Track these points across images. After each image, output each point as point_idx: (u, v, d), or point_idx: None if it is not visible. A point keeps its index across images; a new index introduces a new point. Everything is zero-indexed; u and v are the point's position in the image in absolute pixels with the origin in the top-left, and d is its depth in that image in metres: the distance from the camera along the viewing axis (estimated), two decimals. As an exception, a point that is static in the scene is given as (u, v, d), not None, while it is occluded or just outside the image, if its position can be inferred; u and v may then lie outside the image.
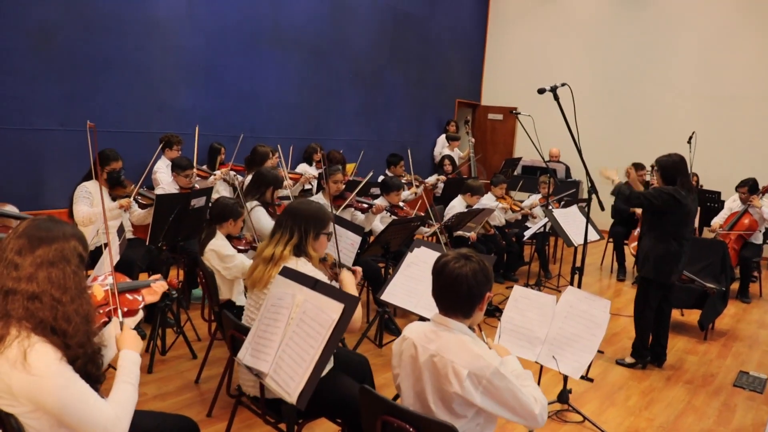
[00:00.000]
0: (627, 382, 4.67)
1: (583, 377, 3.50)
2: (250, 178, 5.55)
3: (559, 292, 6.79)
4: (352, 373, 2.98)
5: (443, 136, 10.92)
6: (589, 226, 4.92)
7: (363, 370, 3.13)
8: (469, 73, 12.22)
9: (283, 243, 2.98)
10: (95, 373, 1.92)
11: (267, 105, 8.08)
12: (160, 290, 2.40)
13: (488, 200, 7.32)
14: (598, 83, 11.00)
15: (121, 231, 3.76)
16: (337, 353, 3.04)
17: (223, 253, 3.89)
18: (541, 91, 4.33)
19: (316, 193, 5.99)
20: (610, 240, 8.10)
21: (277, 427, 2.85)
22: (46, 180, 5.95)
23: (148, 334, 4.56)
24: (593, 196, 4.52)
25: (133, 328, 2.28)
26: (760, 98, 9.84)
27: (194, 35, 7.08)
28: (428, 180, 8.69)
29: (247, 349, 2.59)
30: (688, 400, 4.43)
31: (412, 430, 2.12)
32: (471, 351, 2.16)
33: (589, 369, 4.34)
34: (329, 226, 3.11)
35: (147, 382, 4.04)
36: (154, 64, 6.73)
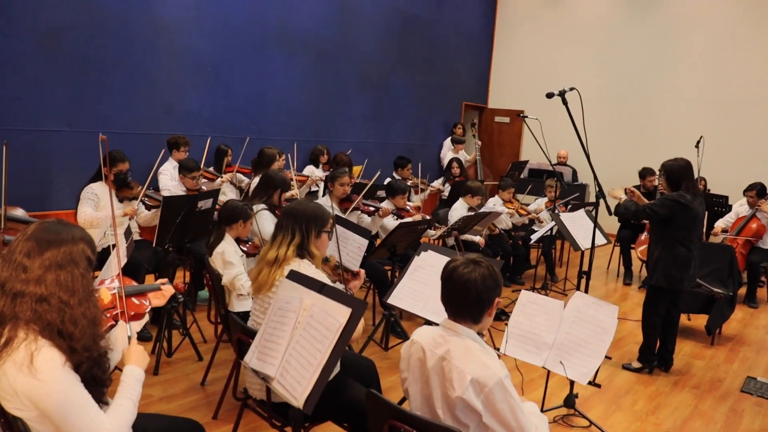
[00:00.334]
0: (633, 386, 4.64)
1: (590, 383, 3.48)
2: (257, 180, 5.55)
3: (566, 295, 6.78)
4: (358, 377, 2.97)
5: (449, 139, 10.92)
6: (596, 230, 4.90)
7: (369, 373, 3.12)
8: (476, 75, 12.20)
9: (286, 244, 2.98)
10: (101, 376, 1.93)
11: (274, 107, 8.09)
12: (168, 294, 2.40)
13: (496, 204, 7.32)
14: (606, 87, 10.97)
15: (129, 233, 3.76)
16: (344, 357, 3.03)
17: (225, 258, 3.90)
18: (550, 96, 4.31)
19: (323, 195, 5.99)
20: (617, 244, 8.08)
21: (283, 431, 2.85)
22: (54, 182, 5.97)
23: (155, 336, 4.57)
24: (601, 201, 4.50)
25: (140, 330, 2.29)
26: (767, 102, 9.79)
27: (201, 37, 7.10)
28: (433, 184, 8.68)
29: (254, 352, 2.59)
30: (695, 405, 4.40)
31: (419, 435, 2.11)
32: (477, 358, 2.15)
33: (597, 374, 4.34)
34: (329, 224, 3.12)
35: (153, 384, 4.05)
36: (161, 66, 6.75)
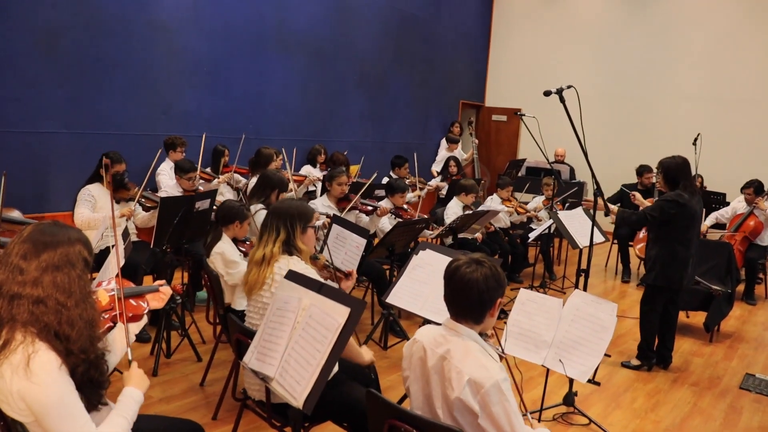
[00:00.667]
0: (632, 384, 4.65)
1: (589, 380, 3.49)
2: (254, 180, 5.55)
3: (564, 293, 6.78)
4: (357, 377, 2.97)
5: (445, 138, 10.90)
6: (594, 228, 4.90)
7: (368, 373, 3.11)
8: (473, 74, 12.20)
9: (272, 242, 2.99)
10: (99, 378, 1.92)
11: (271, 107, 8.08)
12: (166, 296, 2.39)
13: (494, 202, 7.32)
14: (603, 85, 10.97)
15: (126, 234, 3.75)
16: (343, 357, 3.03)
17: (227, 258, 3.89)
18: (547, 94, 4.31)
19: (321, 195, 5.98)
20: (615, 241, 8.08)
21: (283, 431, 2.85)
22: (51, 183, 5.96)
23: (153, 337, 4.56)
24: (599, 199, 4.50)
25: (138, 332, 2.28)
26: (766, 101, 9.80)
27: (199, 38, 7.09)
28: (431, 183, 8.68)
29: (253, 353, 2.58)
30: (694, 402, 4.41)
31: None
32: (477, 359, 2.13)
33: (596, 372, 4.34)
34: (314, 220, 3.15)
35: (152, 385, 3.97)
36: (158, 67, 6.74)
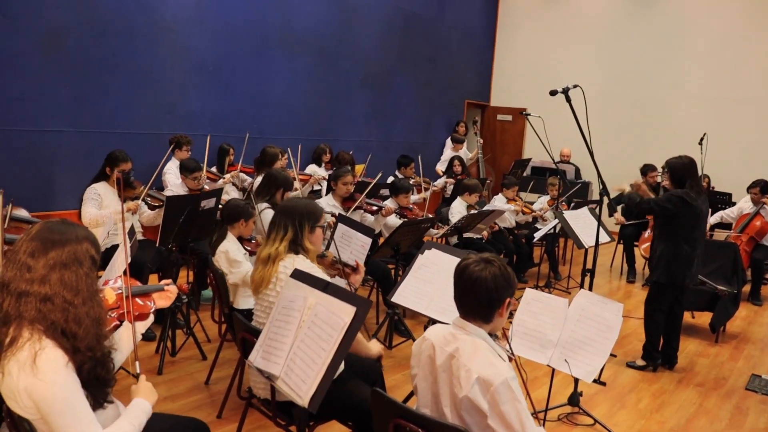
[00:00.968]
0: (638, 384, 4.64)
1: (595, 381, 3.48)
2: (259, 179, 5.55)
3: (569, 293, 6.77)
4: (363, 376, 2.97)
5: (450, 138, 10.90)
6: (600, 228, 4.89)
7: (374, 372, 3.12)
8: (478, 74, 12.19)
9: (279, 240, 2.98)
10: (105, 376, 1.93)
11: (276, 106, 8.09)
12: (172, 295, 2.39)
13: (500, 202, 7.31)
14: (608, 84, 10.95)
15: (132, 233, 3.76)
16: (348, 355, 3.03)
17: (231, 257, 3.89)
18: (553, 93, 4.30)
19: (326, 194, 5.98)
20: (620, 241, 8.06)
21: (288, 430, 2.85)
22: (57, 182, 5.98)
23: (158, 336, 4.57)
24: (605, 198, 4.49)
25: (144, 331, 2.28)
26: (771, 99, 9.78)
27: (203, 37, 7.10)
28: (437, 183, 8.67)
29: (258, 351, 2.58)
30: (700, 402, 4.39)
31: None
32: (485, 357, 2.13)
33: (602, 372, 4.33)
34: (323, 219, 3.13)
35: (157, 383, 4.03)
36: (163, 66, 6.75)
